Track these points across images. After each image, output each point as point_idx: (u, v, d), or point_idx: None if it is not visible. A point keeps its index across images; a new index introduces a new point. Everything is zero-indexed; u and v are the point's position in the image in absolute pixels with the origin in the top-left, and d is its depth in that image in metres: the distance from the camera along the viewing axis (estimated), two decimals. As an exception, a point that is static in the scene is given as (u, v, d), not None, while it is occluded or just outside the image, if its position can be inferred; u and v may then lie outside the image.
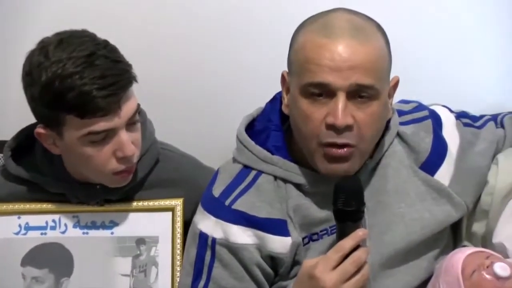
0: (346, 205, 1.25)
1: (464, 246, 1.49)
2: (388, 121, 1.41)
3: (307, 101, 1.28)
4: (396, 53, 1.44)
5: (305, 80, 1.28)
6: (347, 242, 1.21)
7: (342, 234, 1.25)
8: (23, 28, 1.96)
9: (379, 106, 1.31)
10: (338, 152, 1.29)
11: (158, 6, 2.00)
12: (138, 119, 1.46)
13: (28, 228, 1.51)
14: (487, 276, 1.30)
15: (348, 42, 1.26)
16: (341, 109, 1.25)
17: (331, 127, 1.27)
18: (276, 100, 1.45)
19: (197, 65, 2.04)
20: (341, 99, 1.25)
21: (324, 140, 1.28)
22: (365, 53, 1.27)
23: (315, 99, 1.28)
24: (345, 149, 1.29)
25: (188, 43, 2.03)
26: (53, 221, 1.51)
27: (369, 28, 1.32)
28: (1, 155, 1.62)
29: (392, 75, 1.39)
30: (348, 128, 1.27)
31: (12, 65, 1.74)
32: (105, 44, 1.41)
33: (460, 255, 1.36)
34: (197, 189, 1.50)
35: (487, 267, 1.31)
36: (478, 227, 1.52)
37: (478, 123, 1.54)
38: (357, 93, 1.27)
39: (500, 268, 1.30)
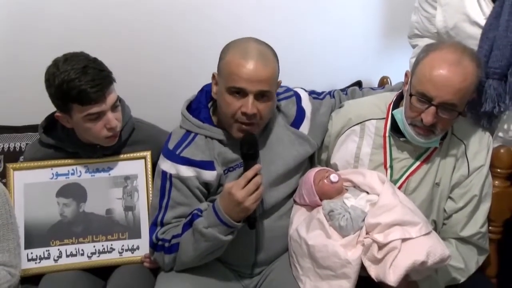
0: (248, 150, 1.64)
1: (316, 167, 1.89)
2: None
3: (230, 96, 1.63)
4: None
5: (229, 84, 1.62)
6: (250, 172, 1.59)
7: (246, 167, 1.63)
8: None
9: (272, 101, 1.69)
10: (247, 127, 1.66)
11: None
12: (119, 104, 1.80)
13: (57, 175, 1.88)
14: (326, 182, 1.73)
15: (256, 64, 1.60)
16: (250, 104, 1.61)
17: (244, 114, 1.63)
18: (203, 90, 1.81)
19: (163, 71, 2.38)
20: (251, 98, 1.61)
21: (239, 120, 1.64)
22: (267, 72, 1.61)
23: (234, 95, 1.63)
24: (251, 126, 1.66)
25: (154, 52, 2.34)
26: (72, 169, 1.89)
27: (269, 54, 1.66)
28: (37, 133, 1.91)
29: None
30: (254, 115, 1.63)
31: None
32: (94, 60, 1.75)
33: (312, 172, 1.79)
34: (159, 145, 1.84)
35: (327, 177, 1.74)
36: (323, 156, 1.95)
37: (321, 97, 1.96)
38: (260, 95, 1.63)
39: (333, 177, 1.73)
